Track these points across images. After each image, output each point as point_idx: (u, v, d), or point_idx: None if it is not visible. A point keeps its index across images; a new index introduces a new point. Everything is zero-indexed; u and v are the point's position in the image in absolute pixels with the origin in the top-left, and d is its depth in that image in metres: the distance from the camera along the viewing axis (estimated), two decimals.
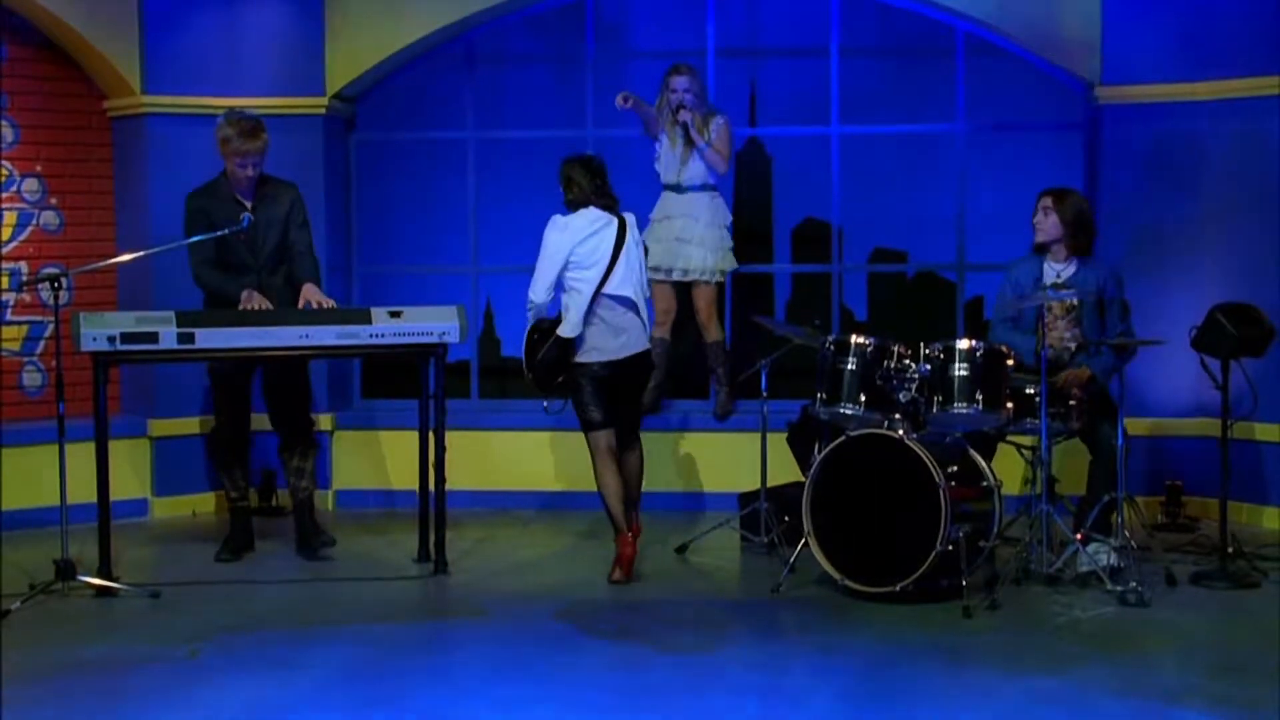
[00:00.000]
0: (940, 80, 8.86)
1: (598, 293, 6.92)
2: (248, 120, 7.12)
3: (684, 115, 8.22)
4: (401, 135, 9.19)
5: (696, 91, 8.29)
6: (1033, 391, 6.68)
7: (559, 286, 6.99)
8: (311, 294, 7.13)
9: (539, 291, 6.98)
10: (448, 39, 8.93)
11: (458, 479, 7.63)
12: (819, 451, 6.73)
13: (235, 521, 7.50)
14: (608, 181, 7.06)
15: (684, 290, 8.46)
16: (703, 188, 8.33)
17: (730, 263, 8.40)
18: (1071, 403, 6.78)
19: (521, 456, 8.69)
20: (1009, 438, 7.09)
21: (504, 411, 8.88)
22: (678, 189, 8.34)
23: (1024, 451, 7.15)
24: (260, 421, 7.59)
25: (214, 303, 7.19)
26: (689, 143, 8.28)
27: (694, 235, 8.30)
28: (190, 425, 8.46)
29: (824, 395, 6.73)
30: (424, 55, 8.97)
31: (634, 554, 7.00)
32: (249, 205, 7.16)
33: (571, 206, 7.04)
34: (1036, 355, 6.74)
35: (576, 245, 6.91)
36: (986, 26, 8.48)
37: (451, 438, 7.23)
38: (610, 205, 7.03)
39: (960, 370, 6.53)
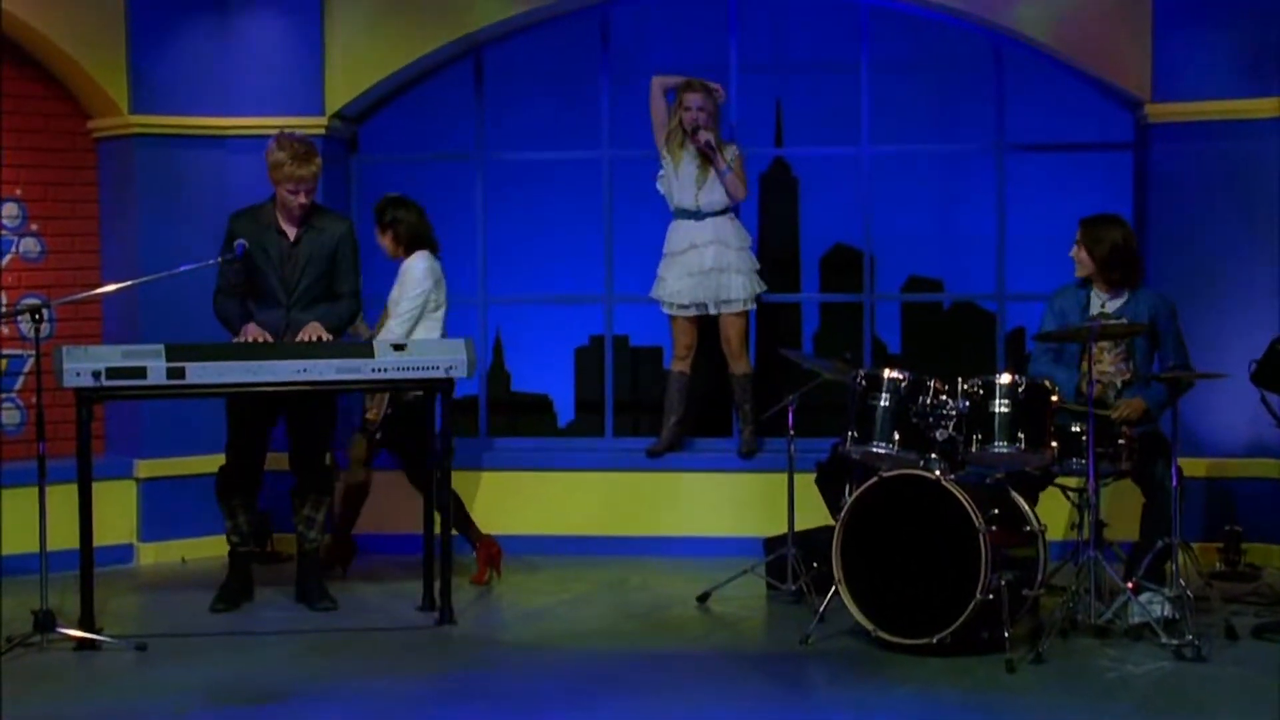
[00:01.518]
0: (977, 96, 8.84)
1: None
2: (301, 143, 7.11)
3: (704, 136, 8.20)
4: (405, 157, 9.20)
5: (711, 111, 8.28)
6: (1079, 429, 6.62)
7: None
8: (313, 330, 7.10)
9: (406, 332, 7.55)
10: (454, 56, 8.94)
11: None
12: (850, 493, 6.70)
13: (233, 567, 7.45)
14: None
15: (705, 323, 8.44)
16: (724, 210, 8.32)
17: (761, 285, 8.41)
18: (1120, 441, 6.73)
19: (531, 498, 8.65)
20: (1054, 479, 7.03)
21: (513, 450, 8.85)
22: (696, 215, 8.32)
23: (1070, 494, 7.10)
24: (272, 461, 7.53)
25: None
26: (704, 165, 8.25)
27: (730, 263, 8.31)
28: (180, 466, 8.43)
29: (855, 433, 6.69)
30: (429, 73, 8.98)
31: None
32: (291, 235, 7.15)
33: (404, 246, 7.71)
34: (1079, 391, 6.68)
35: (437, 284, 7.60)
36: (1027, 40, 8.45)
37: (457, 478, 7.21)
38: (435, 246, 7.79)
39: (1001, 406, 6.49)
